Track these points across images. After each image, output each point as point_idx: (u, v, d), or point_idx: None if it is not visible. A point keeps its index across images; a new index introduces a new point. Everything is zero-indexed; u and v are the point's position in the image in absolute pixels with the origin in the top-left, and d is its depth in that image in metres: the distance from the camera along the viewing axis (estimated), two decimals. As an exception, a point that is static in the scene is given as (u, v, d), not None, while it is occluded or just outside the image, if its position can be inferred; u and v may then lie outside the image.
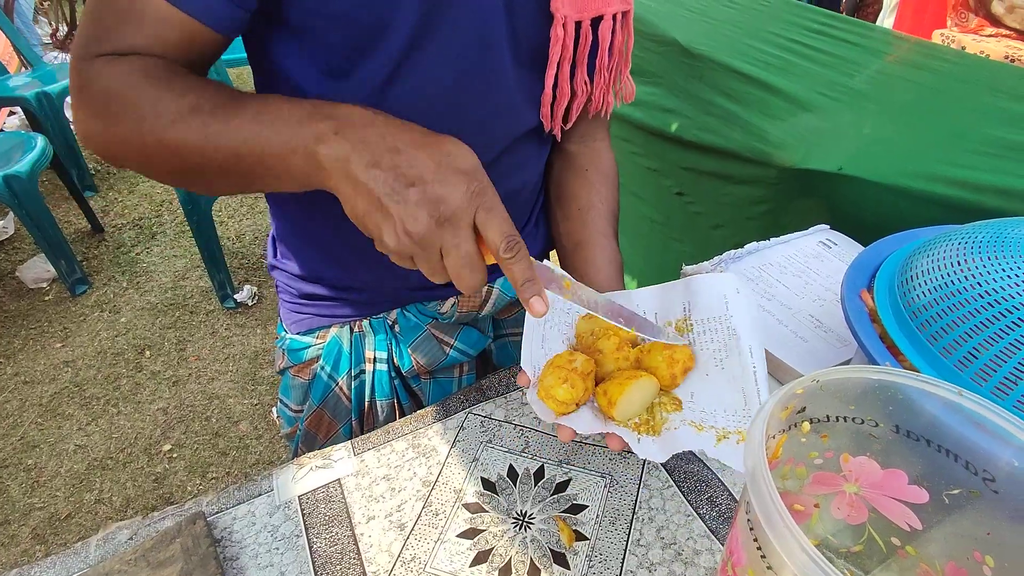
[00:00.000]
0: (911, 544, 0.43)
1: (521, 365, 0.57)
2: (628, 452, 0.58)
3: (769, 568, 0.33)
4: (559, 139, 0.70)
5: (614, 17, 0.60)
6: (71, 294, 2.37)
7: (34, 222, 2.17)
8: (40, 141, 2.30)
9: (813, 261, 0.80)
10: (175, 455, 1.78)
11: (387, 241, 0.42)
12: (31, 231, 2.19)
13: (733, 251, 0.81)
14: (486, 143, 0.61)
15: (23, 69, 3.39)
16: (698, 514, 0.54)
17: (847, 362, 0.66)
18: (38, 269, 2.46)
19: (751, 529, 0.36)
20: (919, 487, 0.41)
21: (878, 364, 0.52)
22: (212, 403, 1.94)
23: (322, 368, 0.73)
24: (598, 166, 0.72)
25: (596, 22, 0.59)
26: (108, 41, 0.46)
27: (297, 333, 0.75)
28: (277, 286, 0.77)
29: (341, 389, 0.74)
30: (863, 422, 0.41)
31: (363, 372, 0.74)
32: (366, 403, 0.75)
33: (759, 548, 0.34)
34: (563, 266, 0.70)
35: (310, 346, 0.74)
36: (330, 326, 0.74)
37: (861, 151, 0.89)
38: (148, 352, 2.13)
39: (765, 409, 0.36)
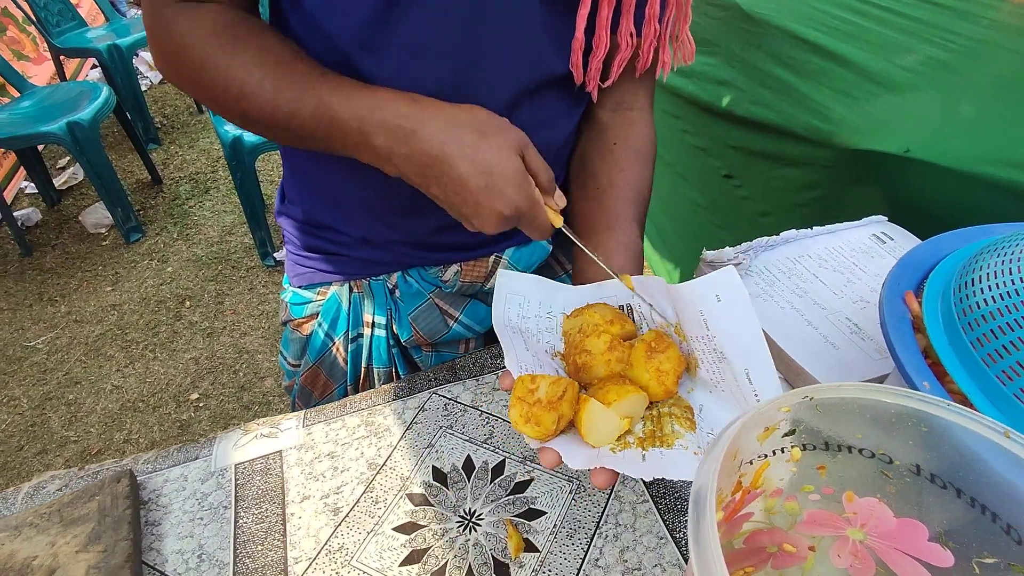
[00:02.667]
0: (927, 615, 0.33)
1: (507, 365, 0.46)
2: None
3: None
4: (595, 98, 0.61)
5: None
6: (125, 241, 2.47)
7: (94, 169, 2.26)
8: (104, 91, 2.38)
9: (861, 257, 0.69)
10: (201, 404, 1.82)
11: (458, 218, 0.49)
12: (90, 177, 2.27)
13: (765, 238, 0.70)
14: (505, 82, 0.54)
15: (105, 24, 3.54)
16: (673, 538, 0.46)
17: (884, 378, 0.55)
18: (98, 215, 2.57)
19: (696, 579, 0.28)
20: (942, 546, 0.32)
21: (913, 381, 0.42)
22: (242, 357, 1.97)
23: (320, 325, 0.71)
24: (629, 140, 0.63)
25: None
26: None
27: (298, 287, 0.72)
28: (284, 235, 0.75)
29: (338, 350, 0.71)
30: (873, 455, 0.32)
31: (360, 336, 0.71)
32: (362, 368, 0.71)
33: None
34: (574, 250, 0.61)
35: (310, 301, 0.71)
36: (330, 283, 0.71)
37: (936, 132, 0.76)
38: (188, 302, 2.19)
39: (730, 430, 0.27)
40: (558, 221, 0.49)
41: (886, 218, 0.74)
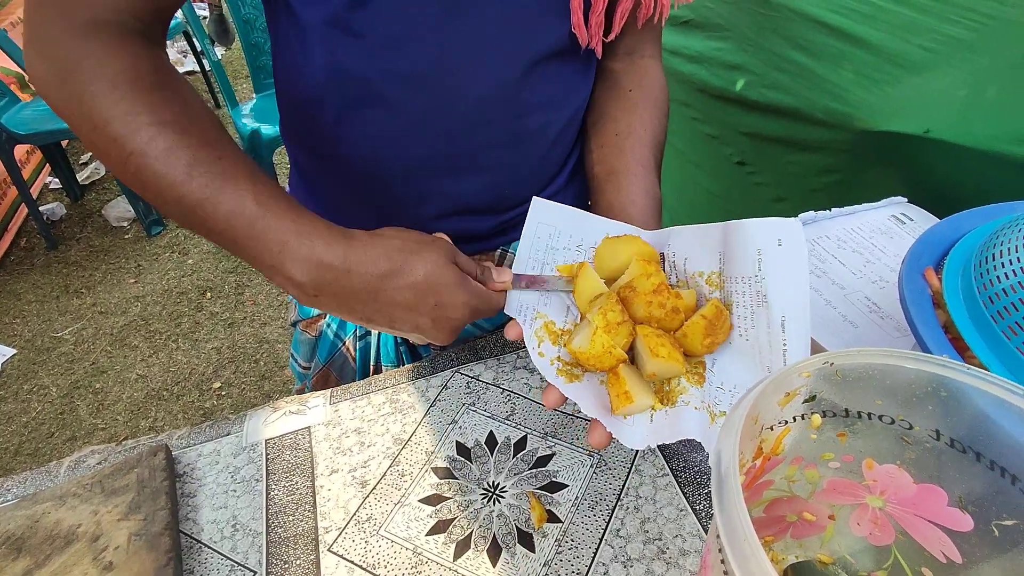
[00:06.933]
0: (946, 579, 0.34)
1: (506, 310, 0.49)
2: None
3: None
4: (599, 55, 0.59)
5: None
6: (147, 234, 2.51)
7: (115, 163, 2.30)
8: (125, 86, 2.42)
9: (880, 237, 0.68)
10: (223, 393, 1.86)
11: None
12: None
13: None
14: (498, 62, 0.52)
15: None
16: (693, 510, 0.47)
17: (903, 355, 0.55)
18: (121, 209, 2.62)
19: (719, 542, 0.29)
20: (961, 511, 0.33)
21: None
22: (262, 347, 2.00)
23: (328, 325, 0.70)
24: (644, 86, 0.63)
25: None
26: (87, 5, 0.41)
27: None
28: None
29: (348, 349, 0.71)
30: (893, 422, 0.33)
31: (368, 333, 0.70)
32: (371, 367, 0.71)
33: (725, 573, 0.27)
34: (593, 197, 0.61)
35: None
36: None
37: (958, 112, 0.75)
38: (209, 293, 2.23)
39: (750, 395, 0.28)
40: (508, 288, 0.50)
41: (906, 199, 0.73)
